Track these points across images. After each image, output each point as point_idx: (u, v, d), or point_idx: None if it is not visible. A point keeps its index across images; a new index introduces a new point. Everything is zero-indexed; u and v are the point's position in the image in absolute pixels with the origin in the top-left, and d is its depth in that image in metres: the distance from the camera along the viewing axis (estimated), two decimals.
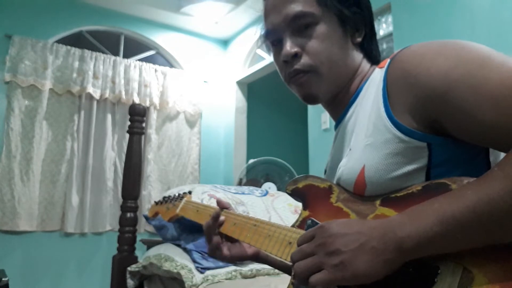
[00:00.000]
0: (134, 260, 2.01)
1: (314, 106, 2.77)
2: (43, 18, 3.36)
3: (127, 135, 2.13)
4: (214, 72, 4.22)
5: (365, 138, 0.64)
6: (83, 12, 3.54)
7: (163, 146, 3.78)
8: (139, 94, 3.66)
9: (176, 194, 1.21)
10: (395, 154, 0.59)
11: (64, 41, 3.46)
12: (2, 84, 3.12)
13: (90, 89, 3.38)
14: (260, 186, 3.21)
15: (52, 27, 3.40)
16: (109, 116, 3.50)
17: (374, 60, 0.78)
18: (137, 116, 2.09)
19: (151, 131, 3.69)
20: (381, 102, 0.62)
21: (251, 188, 2.28)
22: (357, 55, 0.76)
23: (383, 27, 2.59)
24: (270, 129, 4.54)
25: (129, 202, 2.06)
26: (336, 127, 0.78)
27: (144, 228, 3.48)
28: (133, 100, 3.57)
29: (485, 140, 0.53)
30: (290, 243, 0.70)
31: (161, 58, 4.03)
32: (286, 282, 0.71)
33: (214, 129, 4.16)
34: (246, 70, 4.03)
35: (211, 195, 1.93)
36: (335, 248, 0.53)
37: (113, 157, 3.49)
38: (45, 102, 3.21)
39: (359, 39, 0.76)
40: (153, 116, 3.72)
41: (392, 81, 0.61)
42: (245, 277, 1.63)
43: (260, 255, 0.96)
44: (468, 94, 0.52)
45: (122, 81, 3.57)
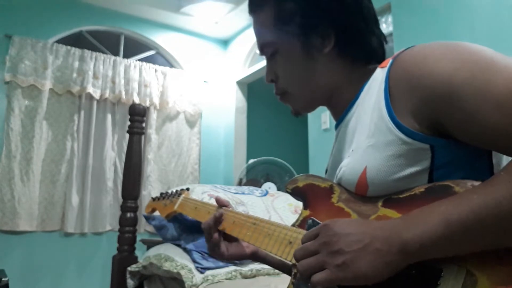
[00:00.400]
0: (134, 260, 2.01)
1: None
2: (43, 18, 3.36)
3: (127, 135, 2.12)
4: (214, 72, 4.22)
5: (367, 139, 0.63)
6: (83, 12, 3.54)
7: (163, 146, 3.77)
8: (139, 94, 3.66)
9: (174, 190, 1.19)
10: (397, 156, 0.58)
11: (64, 41, 3.45)
12: (2, 84, 3.11)
13: (90, 89, 3.37)
14: (260, 186, 3.21)
15: (52, 27, 3.40)
16: (109, 116, 3.50)
17: (373, 55, 0.75)
18: (137, 116, 2.09)
19: (151, 131, 3.69)
20: (383, 103, 0.62)
21: (251, 188, 2.27)
22: (333, 65, 0.74)
23: (383, 27, 2.59)
24: (270, 129, 4.53)
25: (129, 202, 2.06)
26: (337, 126, 0.78)
27: (144, 228, 3.48)
28: (133, 100, 3.57)
29: (488, 142, 0.53)
30: (290, 243, 0.70)
31: (161, 58, 4.03)
32: (286, 282, 0.70)
33: (214, 129, 4.16)
34: (246, 70, 4.02)
35: (211, 195, 1.93)
36: (339, 247, 0.53)
37: (113, 157, 3.48)
38: (45, 102, 3.21)
39: (328, 49, 0.73)
40: (153, 116, 3.72)
41: (395, 82, 0.61)
42: (245, 277, 1.62)
43: (258, 255, 0.95)
44: (472, 97, 0.52)
45: (122, 81, 3.56)
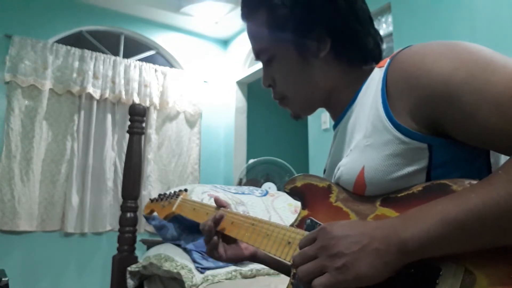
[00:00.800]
0: (134, 260, 2.01)
1: None
2: (43, 18, 3.36)
3: (127, 135, 2.13)
4: (214, 72, 4.22)
5: (365, 139, 0.63)
6: (83, 12, 3.54)
7: (163, 146, 3.77)
8: (139, 94, 3.66)
9: (172, 191, 1.19)
10: (395, 156, 0.58)
11: (64, 41, 3.46)
12: (2, 84, 3.11)
13: (90, 89, 3.37)
14: (260, 186, 3.21)
15: (52, 27, 3.40)
16: (109, 116, 3.50)
17: (369, 55, 0.75)
18: (137, 116, 2.09)
19: (151, 131, 3.69)
20: (380, 103, 0.61)
21: (251, 188, 2.27)
22: (330, 68, 0.74)
23: (383, 27, 2.59)
24: (270, 129, 4.54)
25: (129, 202, 2.06)
26: (335, 127, 0.78)
27: (144, 228, 3.48)
28: (133, 100, 3.57)
29: (487, 142, 0.53)
30: (289, 243, 0.70)
31: (161, 58, 4.03)
32: (286, 282, 0.70)
33: (214, 129, 4.16)
34: (246, 70, 4.02)
35: (211, 195, 1.93)
36: (338, 250, 0.53)
37: (113, 157, 3.49)
38: (45, 102, 3.21)
39: (324, 53, 0.73)
40: (153, 116, 3.72)
41: (392, 82, 0.61)
42: (245, 277, 1.63)
43: (257, 256, 0.95)
44: (471, 97, 0.52)
45: (122, 81, 3.56)
